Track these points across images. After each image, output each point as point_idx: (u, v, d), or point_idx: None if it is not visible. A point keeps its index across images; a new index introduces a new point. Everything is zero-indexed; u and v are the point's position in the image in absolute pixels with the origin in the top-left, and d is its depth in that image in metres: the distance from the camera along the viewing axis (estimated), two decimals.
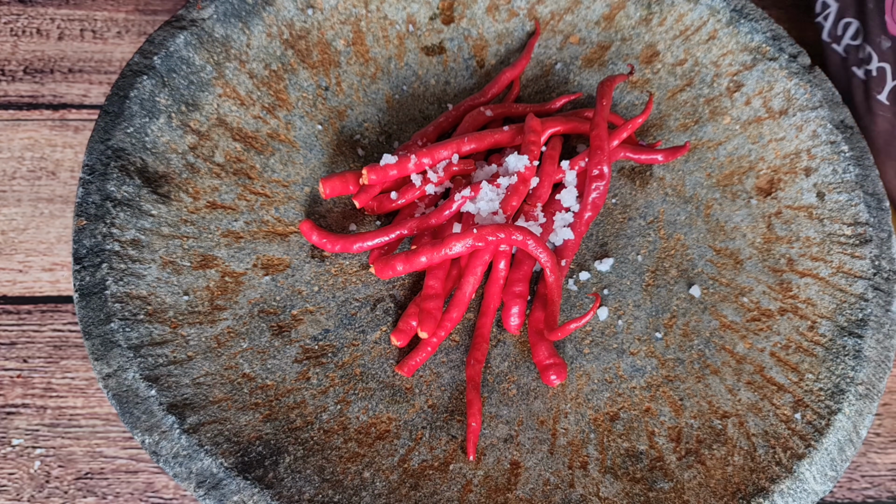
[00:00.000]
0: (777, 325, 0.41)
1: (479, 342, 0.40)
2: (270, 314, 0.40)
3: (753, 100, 0.47)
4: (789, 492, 0.36)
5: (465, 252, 0.40)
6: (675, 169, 0.47)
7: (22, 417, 0.42)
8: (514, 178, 0.42)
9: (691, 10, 0.49)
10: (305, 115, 0.46)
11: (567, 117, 0.46)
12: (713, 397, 0.40)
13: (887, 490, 0.43)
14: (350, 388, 0.39)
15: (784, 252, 0.43)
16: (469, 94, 0.49)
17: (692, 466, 0.37)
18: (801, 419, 0.38)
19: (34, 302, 0.46)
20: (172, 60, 0.43)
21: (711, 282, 0.43)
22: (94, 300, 0.37)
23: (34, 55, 0.54)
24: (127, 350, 0.36)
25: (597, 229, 0.45)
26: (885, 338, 0.40)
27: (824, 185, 0.44)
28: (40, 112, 0.52)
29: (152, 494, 0.41)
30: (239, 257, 0.41)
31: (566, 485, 0.37)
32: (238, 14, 0.45)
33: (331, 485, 0.35)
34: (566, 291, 0.43)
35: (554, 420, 0.39)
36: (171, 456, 0.34)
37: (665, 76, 0.49)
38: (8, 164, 0.50)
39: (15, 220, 0.48)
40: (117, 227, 0.39)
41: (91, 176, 0.39)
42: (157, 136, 0.42)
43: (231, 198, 0.43)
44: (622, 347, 0.41)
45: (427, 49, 0.49)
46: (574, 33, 0.50)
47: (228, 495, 0.34)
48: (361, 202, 0.42)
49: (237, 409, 0.37)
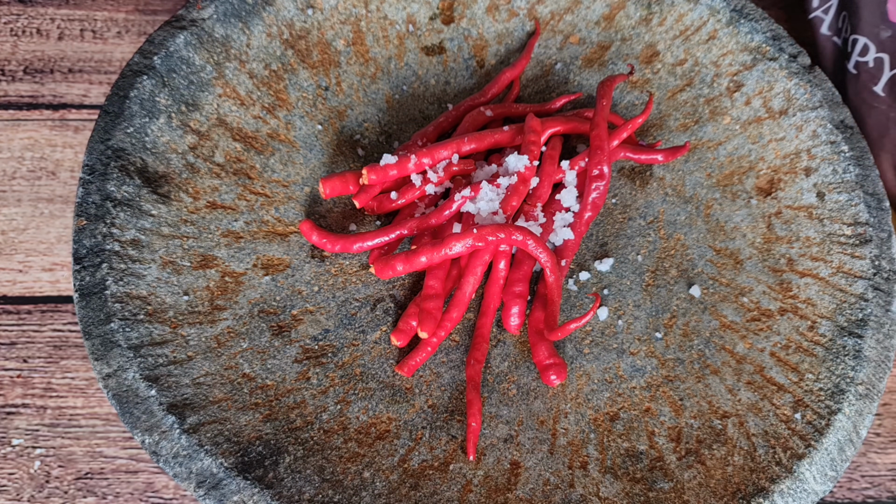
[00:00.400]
0: (777, 325, 0.41)
1: (479, 342, 0.40)
2: (270, 314, 0.40)
3: (753, 100, 0.47)
4: (789, 492, 0.36)
5: (465, 252, 0.40)
6: (675, 169, 0.47)
7: (22, 417, 0.42)
8: (514, 178, 0.42)
9: (691, 10, 0.49)
10: (305, 115, 0.46)
11: (567, 117, 0.46)
12: (713, 397, 0.40)
13: (887, 490, 0.43)
14: (350, 388, 0.39)
15: (784, 252, 0.43)
16: (469, 94, 0.49)
17: (692, 466, 0.37)
18: (801, 419, 0.38)
19: (34, 302, 0.46)
20: (172, 60, 0.43)
21: (711, 282, 0.43)
22: (94, 300, 0.37)
23: (34, 55, 0.54)
24: (127, 350, 0.36)
25: (597, 229, 0.45)
26: (885, 338, 0.40)
27: (824, 185, 0.44)
28: (40, 112, 0.52)
29: (152, 494, 0.41)
30: (239, 257, 0.41)
31: (566, 485, 0.37)
32: (238, 14, 0.45)
33: (331, 485, 0.35)
34: (566, 291, 0.43)
35: (554, 420, 0.39)
36: (171, 456, 0.34)
37: (665, 76, 0.49)
38: (8, 164, 0.50)
39: (15, 220, 0.48)
40: (117, 227, 0.39)
41: (91, 176, 0.39)
42: (157, 136, 0.42)
43: (231, 198, 0.43)
44: (622, 347, 0.41)
45: (427, 49, 0.49)
46: (574, 33, 0.50)
47: (228, 495, 0.34)
48: (361, 202, 0.42)
49: (237, 409, 0.37)
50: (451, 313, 0.40)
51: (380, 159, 0.45)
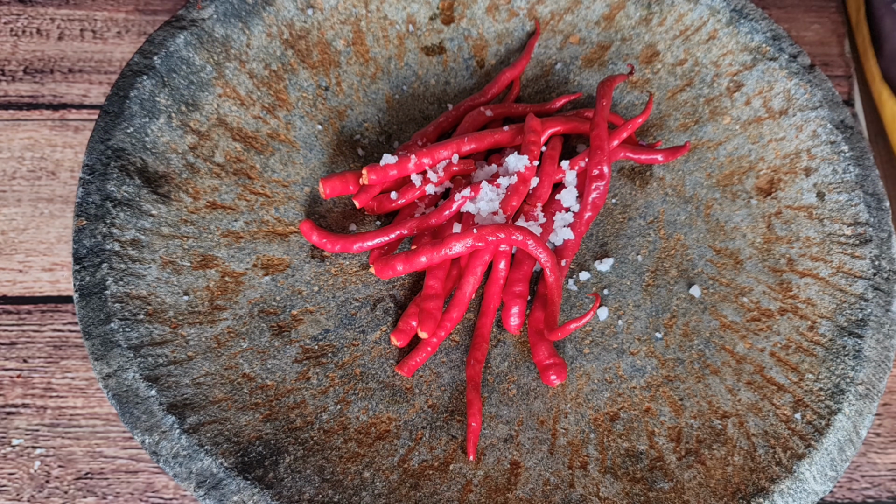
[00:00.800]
0: (777, 325, 0.41)
1: (479, 342, 0.40)
2: (270, 314, 0.40)
3: (753, 100, 0.47)
4: (789, 492, 0.36)
5: (465, 252, 0.40)
6: (675, 169, 0.47)
7: (22, 417, 0.42)
8: (514, 178, 0.42)
9: (691, 10, 0.49)
10: (305, 115, 0.46)
11: (567, 117, 0.46)
12: (713, 397, 0.40)
13: (887, 490, 0.43)
14: (350, 388, 0.39)
15: (784, 252, 0.43)
16: (469, 94, 0.49)
17: (692, 466, 0.37)
18: (801, 419, 0.38)
19: (34, 302, 0.46)
20: (172, 60, 0.43)
21: (711, 282, 0.43)
22: (94, 300, 0.37)
23: (34, 55, 0.54)
24: (127, 350, 0.36)
25: (597, 229, 0.45)
26: (885, 338, 0.40)
27: (824, 185, 0.44)
28: (40, 112, 0.52)
29: (152, 494, 0.41)
30: (239, 257, 0.41)
31: (566, 485, 0.37)
32: (238, 14, 0.45)
33: (331, 485, 0.35)
34: (566, 291, 0.43)
35: (554, 420, 0.39)
36: (171, 456, 0.34)
37: (665, 76, 0.49)
38: (8, 164, 0.50)
39: (15, 220, 0.48)
40: (117, 227, 0.39)
41: (91, 176, 0.39)
42: (157, 136, 0.42)
43: (231, 198, 0.43)
44: (622, 347, 0.41)
45: (427, 49, 0.49)
46: (574, 33, 0.50)
47: (228, 495, 0.34)
48: (361, 202, 0.42)
49: (237, 409, 0.37)
50: (451, 313, 0.40)
51: (380, 159, 0.45)
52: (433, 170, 0.43)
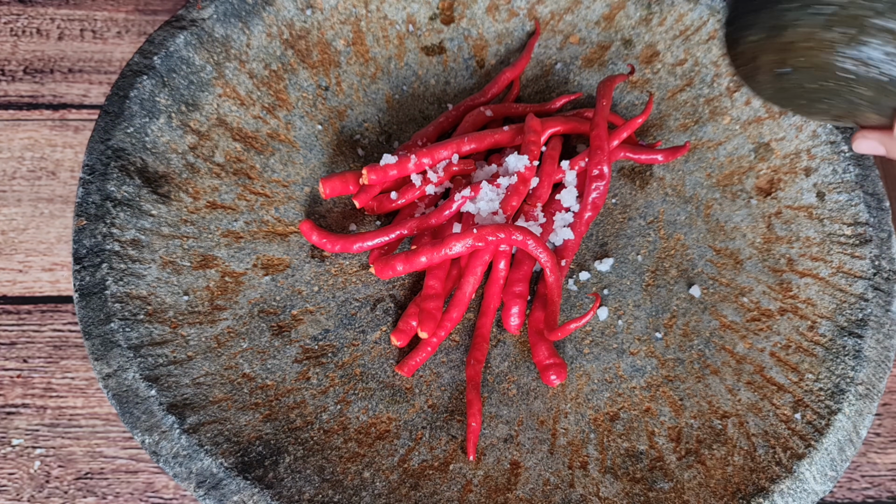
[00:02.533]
0: (777, 325, 0.41)
1: (479, 342, 0.40)
2: (270, 314, 0.40)
3: (753, 100, 0.47)
4: (789, 492, 0.36)
5: (465, 252, 0.40)
6: (675, 169, 0.47)
7: (22, 417, 0.42)
8: (514, 178, 0.42)
9: (691, 10, 0.49)
10: (305, 115, 0.46)
11: (567, 117, 0.46)
12: (713, 397, 0.40)
13: (887, 490, 0.43)
14: (350, 388, 0.39)
15: (784, 252, 0.43)
16: (469, 94, 0.49)
17: (692, 466, 0.37)
18: (801, 419, 0.38)
19: (34, 302, 0.46)
20: (172, 60, 0.43)
21: (711, 282, 0.43)
22: (94, 300, 0.37)
23: (34, 55, 0.54)
24: (127, 350, 0.36)
25: (597, 229, 0.45)
26: (885, 338, 0.40)
27: (824, 185, 0.44)
28: (40, 112, 0.52)
29: (152, 494, 0.41)
30: (239, 257, 0.41)
31: (566, 485, 0.37)
32: (238, 14, 0.45)
33: (331, 485, 0.35)
34: (566, 291, 0.43)
35: (554, 420, 0.39)
36: (171, 456, 0.34)
37: (665, 76, 0.49)
38: (8, 164, 0.50)
39: (15, 220, 0.48)
40: (117, 227, 0.39)
41: (91, 176, 0.39)
42: (157, 136, 0.42)
43: (231, 198, 0.43)
44: (622, 347, 0.41)
45: (427, 49, 0.49)
46: (574, 33, 0.50)
47: (228, 495, 0.34)
48: (361, 202, 0.42)
49: (237, 409, 0.37)
50: (451, 313, 0.40)
51: (380, 159, 0.45)
52: (433, 170, 0.43)
